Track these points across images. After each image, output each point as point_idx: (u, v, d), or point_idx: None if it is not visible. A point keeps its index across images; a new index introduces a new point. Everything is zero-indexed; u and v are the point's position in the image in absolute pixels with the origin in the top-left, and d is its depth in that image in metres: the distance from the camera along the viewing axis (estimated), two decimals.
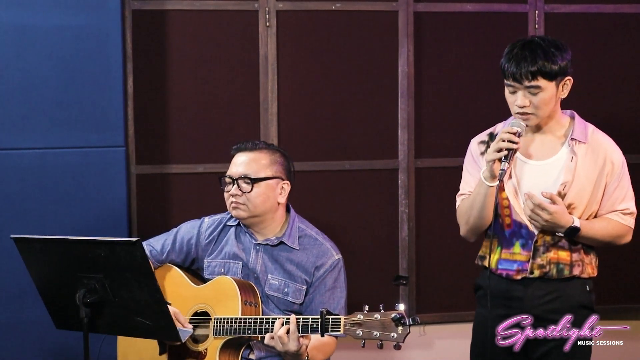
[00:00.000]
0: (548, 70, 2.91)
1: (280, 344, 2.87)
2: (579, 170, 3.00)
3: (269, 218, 3.22)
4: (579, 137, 3.02)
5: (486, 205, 3.03)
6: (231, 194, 3.18)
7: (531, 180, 3.04)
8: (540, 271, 3.04)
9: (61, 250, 2.87)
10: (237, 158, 3.23)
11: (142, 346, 3.17)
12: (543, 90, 2.93)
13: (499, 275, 3.10)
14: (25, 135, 3.82)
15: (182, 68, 4.23)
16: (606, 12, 4.44)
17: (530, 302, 3.06)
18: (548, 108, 2.97)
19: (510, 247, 3.09)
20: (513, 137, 2.92)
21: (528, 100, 2.94)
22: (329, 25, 4.32)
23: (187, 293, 3.21)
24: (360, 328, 2.74)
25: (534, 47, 2.94)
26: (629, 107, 4.51)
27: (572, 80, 3.00)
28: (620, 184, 3.05)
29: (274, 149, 3.28)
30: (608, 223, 3.05)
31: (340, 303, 3.17)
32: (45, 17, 3.80)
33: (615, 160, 3.04)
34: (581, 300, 3.07)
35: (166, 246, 3.32)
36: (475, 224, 3.10)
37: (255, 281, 3.19)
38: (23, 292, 3.73)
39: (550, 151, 3.05)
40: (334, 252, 3.22)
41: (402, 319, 2.71)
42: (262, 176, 3.17)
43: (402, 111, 4.36)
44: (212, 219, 3.36)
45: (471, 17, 4.38)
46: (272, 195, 3.19)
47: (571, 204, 3.01)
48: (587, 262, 3.08)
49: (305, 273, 3.17)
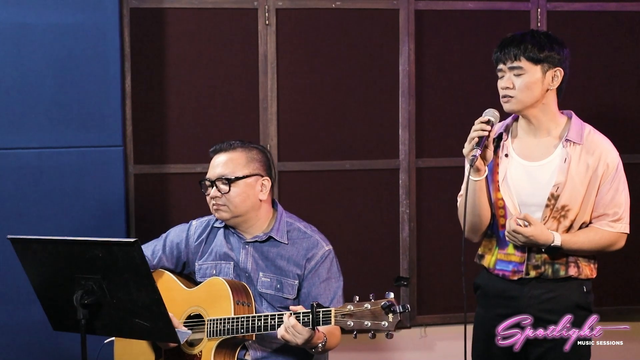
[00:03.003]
0: (531, 53, 2.94)
1: (293, 335, 2.84)
2: (572, 172, 2.98)
3: (252, 216, 3.20)
4: (573, 138, 3.01)
5: (477, 202, 3.03)
6: (211, 196, 3.18)
7: (525, 180, 3.03)
8: (536, 272, 3.03)
9: (58, 251, 2.85)
10: (214, 160, 3.22)
11: (139, 350, 3.17)
12: (526, 72, 2.95)
13: (496, 275, 3.11)
14: (22, 135, 3.81)
15: (181, 67, 4.23)
16: (608, 10, 4.44)
17: (526, 301, 3.05)
18: (531, 93, 2.97)
19: (504, 247, 3.09)
20: (484, 125, 2.94)
21: (511, 82, 2.97)
22: (329, 23, 4.31)
23: (180, 296, 3.20)
24: (351, 319, 2.74)
25: (524, 34, 3.00)
26: (631, 106, 4.50)
27: (563, 73, 2.99)
28: (613, 186, 3.02)
29: (251, 147, 3.25)
30: (596, 233, 3.03)
31: (337, 293, 3.16)
32: (42, 15, 3.79)
33: (610, 162, 3.01)
34: (577, 301, 3.05)
35: (157, 252, 3.31)
36: (471, 221, 3.08)
37: (247, 280, 3.18)
38: (20, 293, 3.71)
39: (545, 152, 3.04)
40: (324, 243, 3.20)
41: (392, 306, 2.70)
42: (239, 175, 3.15)
43: (403, 110, 4.35)
44: (200, 221, 3.35)
45: (473, 15, 4.38)
46: (252, 193, 3.17)
47: (565, 206, 3.00)
48: (585, 263, 3.06)
49: (296, 267, 3.16)
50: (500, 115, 3.02)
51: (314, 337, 2.85)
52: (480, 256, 3.17)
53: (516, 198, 3.03)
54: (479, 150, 2.91)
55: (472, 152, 2.92)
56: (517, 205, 3.02)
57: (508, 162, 3.05)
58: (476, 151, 2.91)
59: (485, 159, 2.98)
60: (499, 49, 3.02)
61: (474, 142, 2.93)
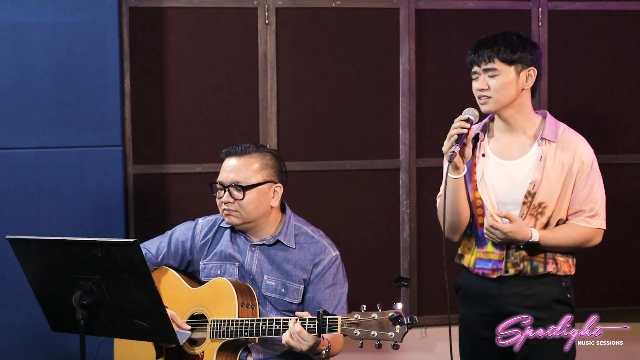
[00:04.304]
0: (505, 54, 3.01)
1: (298, 341, 2.83)
2: (548, 169, 3.04)
3: (262, 222, 3.19)
4: (548, 137, 3.06)
5: (456, 200, 3.08)
6: (223, 201, 3.14)
7: (502, 179, 3.09)
8: (514, 269, 3.08)
9: (57, 251, 2.85)
10: (227, 163, 3.18)
11: (139, 350, 3.15)
12: (500, 73, 3.02)
13: (476, 274, 3.16)
14: (20, 135, 3.81)
15: (180, 66, 4.22)
16: (610, 9, 4.43)
17: (506, 299, 3.10)
18: (507, 93, 3.03)
19: (483, 246, 3.14)
20: (463, 123, 3.00)
21: (486, 83, 3.03)
22: (329, 22, 4.31)
23: (184, 295, 3.19)
24: (358, 328, 2.72)
25: (497, 36, 3.07)
26: (631, 105, 4.49)
27: (536, 72, 3.06)
28: (589, 183, 3.07)
29: (265, 152, 3.22)
30: (573, 229, 3.08)
31: (341, 300, 3.15)
32: (41, 14, 3.79)
33: (585, 159, 3.07)
34: (557, 296, 3.10)
35: (161, 249, 3.29)
36: (450, 220, 3.13)
37: (252, 282, 3.16)
38: (19, 293, 3.69)
39: (521, 151, 3.09)
40: (331, 249, 3.19)
41: (400, 317, 2.69)
42: (253, 182, 3.13)
43: (403, 110, 4.34)
44: (207, 220, 3.33)
45: (474, 15, 4.37)
46: (264, 200, 3.15)
47: (542, 203, 3.05)
48: (562, 259, 3.11)
49: (303, 271, 3.14)
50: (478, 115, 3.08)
51: (319, 344, 2.84)
52: (460, 256, 3.24)
53: (494, 197, 3.09)
54: (458, 147, 2.98)
55: (451, 149, 2.99)
56: (495, 204, 3.08)
57: (485, 162, 3.12)
58: (455, 147, 2.98)
59: (463, 157, 3.06)
60: (472, 51, 3.09)
61: (454, 139, 3.00)
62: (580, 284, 4.38)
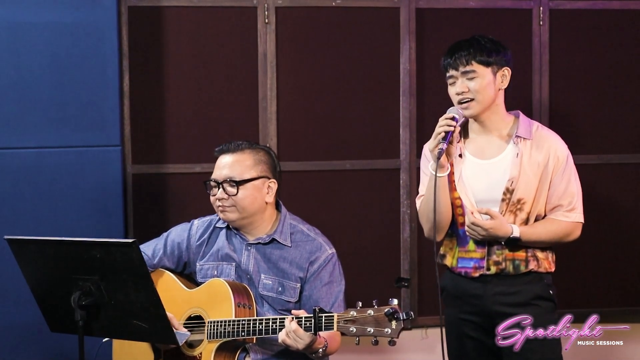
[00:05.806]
0: (482, 57, 3.09)
1: (294, 340, 2.84)
2: (525, 166, 3.11)
3: (258, 219, 3.19)
4: (523, 134, 3.14)
5: (440, 199, 3.11)
6: (217, 197, 3.16)
7: (480, 178, 3.16)
8: (496, 268, 3.14)
9: (56, 252, 2.84)
10: (220, 160, 3.21)
11: (138, 351, 3.16)
12: (479, 75, 3.10)
13: (459, 274, 3.21)
14: (19, 134, 3.81)
15: (179, 66, 4.21)
16: (612, 8, 4.43)
17: (490, 299, 3.16)
18: (487, 94, 3.10)
19: (464, 245, 3.20)
20: (449, 121, 3.06)
21: (466, 86, 3.10)
22: (329, 22, 4.30)
23: (181, 297, 3.19)
24: (354, 325, 2.74)
25: (470, 39, 3.15)
26: (632, 105, 4.48)
27: (510, 71, 3.15)
28: (565, 178, 3.14)
29: (258, 148, 3.25)
30: (552, 224, 3.15)
31: (338, 297, 3.15)
32: (39, 13, 3.78)
33: (560, 154, 3.14)
34: (539, 292, 3.16)
35: (157, 251, 3.30)
36: (436, 220, 3.14)
37: (249, 282, 3.17)
38: (18, 293, 3.68)
39: (497, 149, 3.17)
40: (327, 247, 3.20)
41: (396, 313, 2.70)
42: (247, 177, 3.14)
43: (403, 110, 4.33)
44: (202, 221, 3.34)
45: (474, 14, 4.37)
46: (259, 196, 3.16)
47: (520, 199, 3.12)
48: (543, 257, 3.17)
49: (299, 270, 3.15)
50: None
51: (315, 342, 2.85)
52: (442, 256, 3.28)
53: (472, 196, 3.15)
54: (445, 144, 3.03)
55: (438, 147, 3.04)
56: (474, 203, 3.15)
57: (462, 162, 3.18)
58: (443, 145, 3.04)
59: (449, 155, 3.11)
60: (448, 55, 3.15)
61: (440, 137, 3.05)
62: (580, 284, 4.41)
